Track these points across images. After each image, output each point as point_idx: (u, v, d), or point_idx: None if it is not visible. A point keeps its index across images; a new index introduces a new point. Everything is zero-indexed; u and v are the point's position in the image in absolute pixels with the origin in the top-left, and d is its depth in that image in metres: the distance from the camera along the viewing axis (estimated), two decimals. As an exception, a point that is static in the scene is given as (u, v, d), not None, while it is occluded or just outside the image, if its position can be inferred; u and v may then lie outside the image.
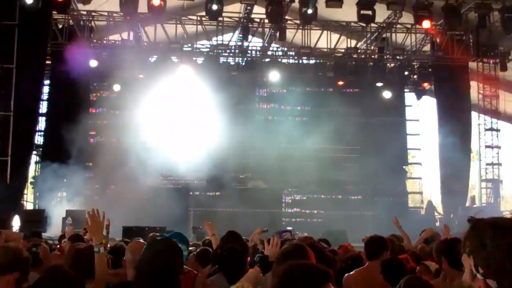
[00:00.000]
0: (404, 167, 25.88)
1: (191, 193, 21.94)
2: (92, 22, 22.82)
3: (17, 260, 3.78)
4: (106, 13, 22.35)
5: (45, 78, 21.74)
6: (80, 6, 21.66)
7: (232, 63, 24.87)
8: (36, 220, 17.39)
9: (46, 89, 22.51)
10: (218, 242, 7.52)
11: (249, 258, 5.89)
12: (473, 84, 24.82)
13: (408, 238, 8.73)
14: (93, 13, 22.42)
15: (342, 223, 20.13)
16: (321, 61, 24.70)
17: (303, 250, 4.08)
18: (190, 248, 8.51)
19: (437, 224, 21.50)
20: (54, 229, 17.66)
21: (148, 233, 11.44)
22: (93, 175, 21.81)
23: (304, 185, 23.49)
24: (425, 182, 27.67)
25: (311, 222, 22.66)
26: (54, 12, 20.04)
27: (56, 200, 21.04)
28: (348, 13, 20.34)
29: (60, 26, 22.26)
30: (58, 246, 9.79)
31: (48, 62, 21.88)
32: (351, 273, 6.07)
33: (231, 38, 24.01)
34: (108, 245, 9.01)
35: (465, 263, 2.27)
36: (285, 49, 25.04)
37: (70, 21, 22.26)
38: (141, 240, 5.84)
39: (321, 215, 23.07)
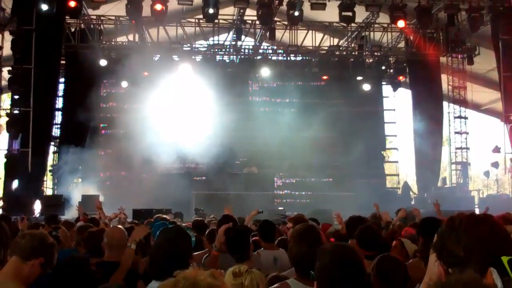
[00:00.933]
0: (382, 152, 26.05)
1: (193, 178, 22.00)
2: (101, 26, 22.82)
3: (42, 246, 3.68)
4: (113, 17, 22.31)
5: (60, 76, 21.76)
6: (90, 11, 21.64)
7: (227, 61, 24.90)
8: (55, 204, 17.46)
9: (61, 86, 22.50)
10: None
11: None
12: (444, 77, 24.97)
13: (388, 216, 8.72)
14: (102, 18, 22.40)
15: (327, 203, 20.24)
16: (307, 58, 24.76)
17: (316, 231, 4.12)
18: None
19: (412, 202, 21.70)
20: (71, 212, 17.77)
21: (155, 214, 11.56)
22: (105, 162, 21.86)
23: (293, 169, 23.57)
24: (401, 165, 27.86)
25: (300, 202, 22.75)
26: (67, 17, 19.99)
27: (73, 186, 21.13)
28: (330, 14, 20.32)
29: (73, 30, 22.26)
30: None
31: (62, 62, 21.94)
32: None
33: (226, 38, 24.03)
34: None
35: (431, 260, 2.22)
36: (275, 47, 25.03)
37: (82, 25, 22.27)
38: (120, 226, 5.91)
39: (308, 195, 23.17)
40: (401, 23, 19.94)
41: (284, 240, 6.46)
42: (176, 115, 21.60)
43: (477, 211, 19.01)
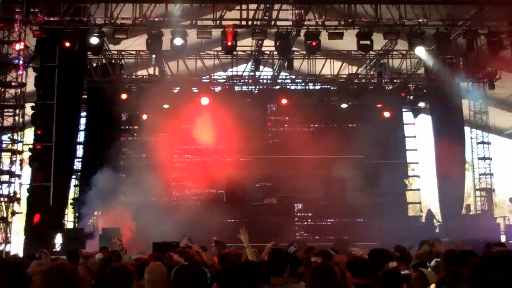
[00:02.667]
0: (404, 180, 25.72)
1: (213, 208, 21.84)
2: (122, 60, 23.21)
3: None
4: (134, 52, 22.68)
5: (82, 111, 22.08)
6: (111, 47, 21.98)
7: (246, 91, 25.02)
8: (75, 238, 17.57)
9: (83, 121, 22.80)
10: (254, 253, 7.52)
11: None
12: (465, 102, 24.74)
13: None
14: (122, 52, 22.78)
15: (349, 232, 20.06)
16: (326, 86, 24.79)
17: (331, 270, 4.13)
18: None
19: (437, 230, 21.35)
20: (92, 246, 17.83)
21: (175, 247, 11.53)
22: (125, 195, 21.99)
23: (313, 199, 23.34)
24: (423, 193, 27.46)
25: (321, 231, 22.61)
26: (89, 53, 20.34)
27: (94, 219, 21.23)
28: (348, 42, 20.38)
29: (94, 65, 22.71)
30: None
31: (84, 96, 22.29)
32: None
33: (245, 69, 24.21)
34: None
35: None
36: (293, 77, 25.15)
37: (103, 60, 22.66)
38: (158, 263, 5.87)
39: (329, 225, 23.03)
40: (419, 50, 19.90)
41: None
42: (195, 146, 21.68)
43: (503, 239, 18.65)
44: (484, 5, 19.37)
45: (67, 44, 18.17)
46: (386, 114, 24.07)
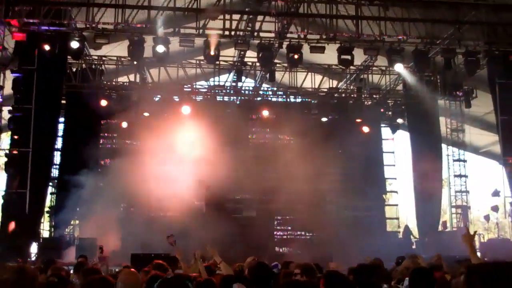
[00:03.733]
0: (382, 195, 25.73)
1: (192, 220, 21.50)
2: (103, 66, 22.80)
3: None
4: (115, 58, 22.36)
5: (60, 116, 21.62)
6: (92, 51, 21.65)
7: (228, 101, 24.86)
8: (52, 247, 17.14)
9: (61, 126, 22.32)
10: (228, 269, 7.34)
11: None
12: (442, 119, 24.93)
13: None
14: (103, 58, 22.42)
15: (328, 246, 19.95)
16: (307, 99, 24.76)
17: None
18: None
19: (414, 246, 21.38)
20: (68, 256, 17.44)
21: (153, 259, 11.22)
22: (102, 206, 21.62)
23: (292, 212, 23.19)
24: (401, 209, 27.54)
25: (300, 245, 22.47)
26: (69, 57, 19.96)
27: (70, 228, 20.79)
28: (330, 57, 20.42)
29: (74, 70, 22.26)
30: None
31: (63, 102, 21.80)
32: None
33: (227, 79, 24.10)
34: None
35: None
36: (275, 89, 25.10)
37: (83, 65, 22.26)
38: (131, 269, 5.67)
39: (308, 238, 22.92)
40: (398, 67, 20.01)
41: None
42: (174, 156, 21.37)
43: (478, 255, 18.72)
44: (462, 25, 19.57)
45: (47, 48, 17.78)
46: (365, 129, 24.08)
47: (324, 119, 24.32)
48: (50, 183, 21.40)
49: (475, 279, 2.19)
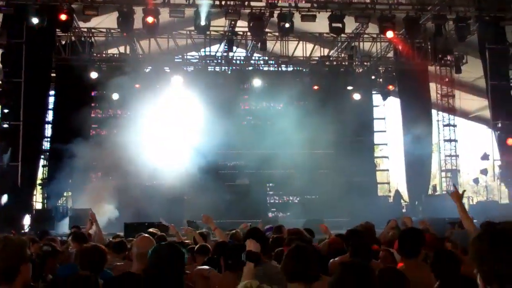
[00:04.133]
0: (373, 160, 25.95)
1: (186, 188, 21.60)
2: (92, 38, 22.52)
3: None
4: (104, 30, 22.14)
5: (50, 89, 21.48)
6: (81, 24, 21.38)
7: (219, 72, 24.74)
8: (45, 219, 17.22)
9: (51, 99, 22.19)
10: (223, 235, 7.41)
11: None
12: (432, 85, 25.00)
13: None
14: (93, 30, 22.18)
15: (320, 210, 20.20)
16: (298, 68, 24.69)
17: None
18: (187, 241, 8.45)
19: (404, 210, 21.63)
20: (61, 227, 17.55)
21: (147, 228, 11.32)
22: (96, 176, 21.66)
23: (286, 178, 23.41)
24: (392, 174, 27.77)
25: (292, 208, 22.80)
26: (57, 30, 19.72)
27: (63, 200, 20.85)
28: (321, 25, 20.32)
29: (63, 42, 21.99)
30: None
31: (53, 75, 21.61)
32: None
33: (218, 49, 23.91)
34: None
35: None
36: (266, 58, 24.97)
37: (72, 37, 22.01)
38: (145, 235, 5.68)
39: (301, 203, 23.19)
40: (389, 34, 19.91)
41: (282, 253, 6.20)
42: (167, 126, 21.37)
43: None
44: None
45: (35, 20, 17.59)
46: (356, 96, 24.09)
47: (315, 87, 24.23)
48: (42, 156, 21.33)
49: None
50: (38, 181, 21.35)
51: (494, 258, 2.09)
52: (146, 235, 5.64)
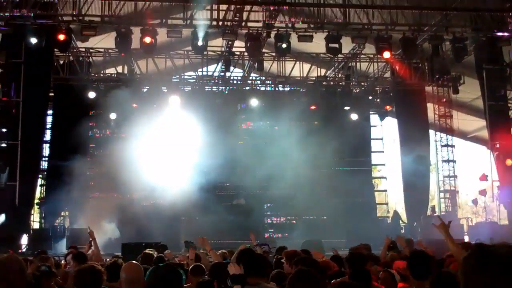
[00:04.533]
0: (372, 181, 25.95)
1: (183, 209, 21.51)
2: (90, 58, 22.76)
3: None
4: (102, 50, 22.35)
5: (48, 109, 21.58)
6: (79, 44, 21.59)
7: (216, 92, 24.86)
8: (42, 238, 17.19)
9: (49, 119, 22.28)
10: (218, 256, 7.43)
11: None
12: (430, 106, 25.11)
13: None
14: (91, 50, 22.41)
15: (318, 231, 20.17)
16: (295, 88, 24.83)
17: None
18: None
19: (402, 231, 21.59)
20: (59, 247, 17.49)
21: (145, 248, 11.31)
22: (93, 196, 21.63)
23: (283, 198, 23.34)
24: (390, 194, 27.76)
25: (291, 230, 22.68)
26: (56, 50, 19.87)
27: (60, 219, 20.80)
28: (317, 45, 20.48)
29: (62, 62, 22.19)
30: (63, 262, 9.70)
31: (51, 94, 21.75)
32: None
33: (215, 69, 24.10)
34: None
35: None
36: (263, 78, 25.14)
37: (70, 57, 22.19)
38: (134, 262, 5.70)
39: (298, 223, 23.13)
40: (386, 54, 20.07)
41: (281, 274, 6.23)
42: (165, 146, 21.39)
43: (466, 239, 18.96)
44: (449, 12, 19.73)
45: (34, 41, 17.74)
46: (354, 117, 24.20)
47: (312, 107, 24.34)
48: (40, 175, 21.33)
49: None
50: (36, 201, 21.31)
51: (479, 281, 1.99)
52: (134, 261, 5.67)
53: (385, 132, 27.14)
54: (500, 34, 19.81)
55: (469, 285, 2.03)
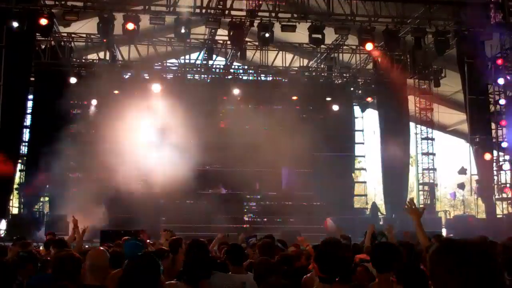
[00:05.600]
0: (352, 173, 26.23)
1: (161, 197, 21.57)
2: (72, 43, 22.70)
3: None
4: (84, 35, 22.27)
5: (29, 94, 21.48)
6: (61, 29, 21.47)
7: (198, 80, 24.90)
8: (21, 224, 17.21)
9: (30, 104, 22.19)
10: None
11: None
12: (411, 98, 25.41)
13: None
14: (72, 35, 22.33)
15: (295, 218, 20.48)
16: (277, 78, 24.96)
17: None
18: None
19: (381, 223, 21.89)
20: (37, 233, 17.51)
21: (123, 235, 11.43)
22: (73, 181, 21.61)
23: (262, 189, 23.50)
24: (369, 186, 28.08)
25: (271, 221, 22.83)
26: (37, 34, 19.76)
27: (40, 205, 20.79)
28: (300, 36, 20.62)
29: (43, 47, 22.11)
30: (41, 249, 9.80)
31: (32, 79, 21.65)
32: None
33: (198, 57, 24.13)
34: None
35: None
36: (246, 67, 25.23)
37: (52, 42, 22.10)
38: (101, 248, 5.79)
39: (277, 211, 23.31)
40: (369, 46, 20.18)
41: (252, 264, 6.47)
42: (145, 134, 21.42)
43: (444, 232, 19.34)
44: (432, 5, 19.92)
45: (15, 24, 17.65)
46: (335, 108, 24.42)
47: (294, 98, 24.44)
48: (19, 160, 21.27)
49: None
50: (15, 186, 21.24)
51: (444, 271, 2.04)
52: (101, 247, 5.76)
53: (366, 123, 27.49)
54: (482, 28, 20.06)
55: (435, 275, 2.10)
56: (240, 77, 25.07)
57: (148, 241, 9.52)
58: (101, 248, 5.62)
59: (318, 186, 22.68)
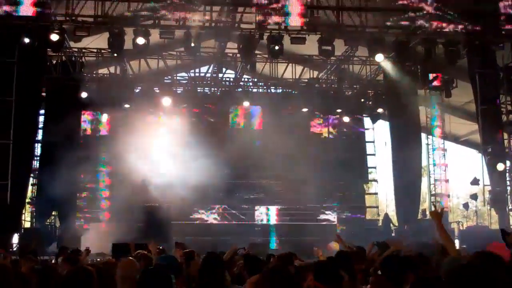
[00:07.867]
0: (363, 184, 26.19)
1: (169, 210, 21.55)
2: (83, 58, 22.97)
3: None
4: (95, 50, 22.51)
5: (40, 109, 21.73)
6: (72, 44, 21.75)
7: (208, 93, 25.05)
8: (33, 238, 17.33)
9: (41, 119, 22.43)
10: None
11: None
12: (422, 109, 25.34)
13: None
14: (83, 50, 22.58)
15: (308, 233, 20.42)
16: (287, 90, 25.04)
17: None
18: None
19: (393, 234, 21.83)
20: (50, 246, 17.63)
21: (135, 248, 11.47)
22: (83, 196, 21.79)
23: (273, 200, 23.52)
24: (380, 197, 27.98)
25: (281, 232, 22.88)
26: (49, 49, 20.05)
27: (51, 219, 20.93)
28: (310, 47, 20.68)
29: (54, 62, 22.39)
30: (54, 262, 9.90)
31: (43, 94, 21.92)
32: None
33: (207, 70, 24.30)
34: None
35: None
36: (255, 79, 25.34)
37: (63, 57, 22.38)
38: (130, 258, 5.88)
39: (291, 225, 23.30)
40: (379, 57, 20.28)
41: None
42: (155, 147, 21.54)
43: (457, 243, 19.23)
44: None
45: (27, 40, 17.91)
46: (346, 119, 24.44)
47: (304, 110, 24.53)
48: (31, 175, 21.47)
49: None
50: (27, 200, 21.43)
51: None
52: (131, 258, 5.83)
53: (377, 135, 27.49)
54: (493, 38, 20.04)
55: None
56: (250, 89, 25.16)
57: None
58: (131, 258, 5.70)
59: (330, 199, 22.68)
